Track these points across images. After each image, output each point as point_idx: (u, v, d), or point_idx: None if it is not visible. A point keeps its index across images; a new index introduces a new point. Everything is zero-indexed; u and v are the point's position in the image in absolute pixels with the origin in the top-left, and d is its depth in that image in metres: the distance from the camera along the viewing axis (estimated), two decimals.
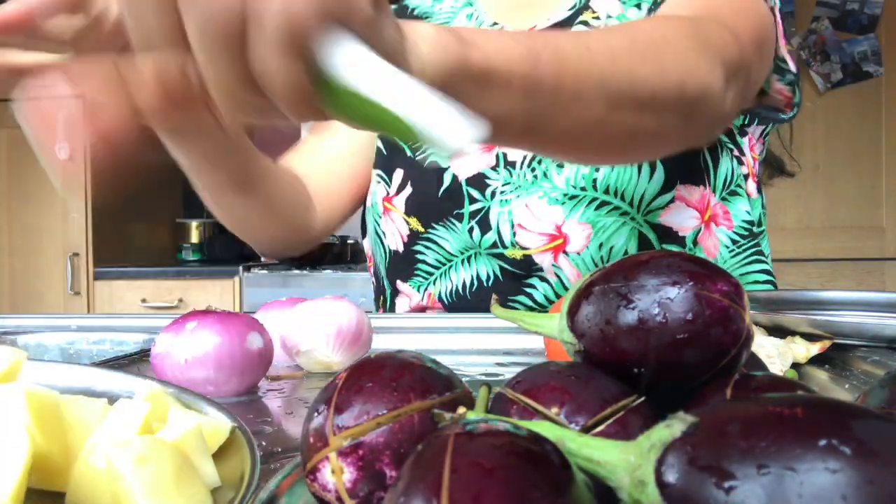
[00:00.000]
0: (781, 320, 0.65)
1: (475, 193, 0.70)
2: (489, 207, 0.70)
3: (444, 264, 0.73)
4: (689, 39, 0.47)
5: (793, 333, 0.64)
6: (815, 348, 0.59)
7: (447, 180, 0.72)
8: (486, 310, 0.72)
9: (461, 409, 0.26)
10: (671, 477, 0.19)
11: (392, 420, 0.26)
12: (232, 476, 0.31)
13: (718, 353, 0.27)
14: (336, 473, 0.26)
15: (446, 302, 0.74)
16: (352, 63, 0.29)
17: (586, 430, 0.25)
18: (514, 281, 0.70)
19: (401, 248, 0.76)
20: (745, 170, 0.72)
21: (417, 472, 0.19)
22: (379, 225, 0.77)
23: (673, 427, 0.20)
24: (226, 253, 2.79)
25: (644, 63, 0.43)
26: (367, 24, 0.29)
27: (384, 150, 0.77)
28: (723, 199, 0.70)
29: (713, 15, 0.54)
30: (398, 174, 0.75)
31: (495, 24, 0.77)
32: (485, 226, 0.70)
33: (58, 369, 0.43)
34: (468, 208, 0.70)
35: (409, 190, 0.73)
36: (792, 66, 0.68)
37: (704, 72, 0.46)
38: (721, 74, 0.47)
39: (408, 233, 0.74)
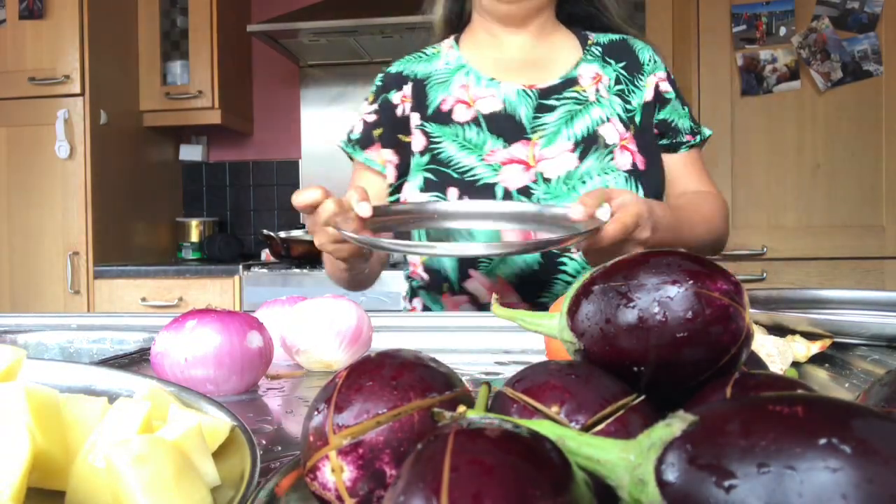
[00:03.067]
0: (781, 319, 0.65)
1: (524, 199, 0.96)
2: None
3: None
4: (721, 212, 1.03)
5: (793, 332, 0.64)
6: (815, 347, 0.59)
7: (500, 193, 0.96)
8: (538, 290, 0.96)
9: (461, 408, 0.26)
10: (671, 476, 0.19)
11: (392, 419, 0.26)
12: (232, 475, 0.31)
13: (718, 351, 0.27)
14: (336, 472, 0.26)
15: (513, 283, 0.98)
16: None
17: (586, 428, 0.25)
18: (551, 259, 0.97)
19: None
20: None
21: (417, 471, 0.19)
22: None
23: (673, 426, 0.20)
24: (225, 252, 2.78)
25: (707, 228, 0.99)
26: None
27: (434, 178, 1.00)
28: None
29: (718, 193, 1.07)
30: (453, 192, 0.98)
31: (493, 79, 1.02)
32: None
33: (58, 368, 0.43)
34: None
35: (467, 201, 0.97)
36: (705, 132, 1.07)
37: (723, 231, 1.04)
38: (727, 230, 1.06)
39: None
